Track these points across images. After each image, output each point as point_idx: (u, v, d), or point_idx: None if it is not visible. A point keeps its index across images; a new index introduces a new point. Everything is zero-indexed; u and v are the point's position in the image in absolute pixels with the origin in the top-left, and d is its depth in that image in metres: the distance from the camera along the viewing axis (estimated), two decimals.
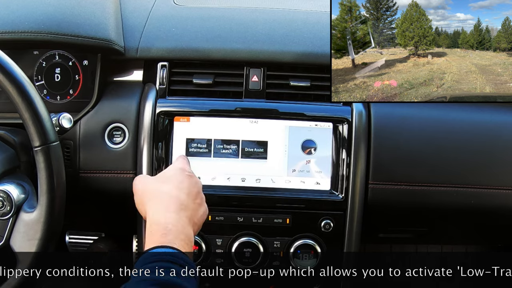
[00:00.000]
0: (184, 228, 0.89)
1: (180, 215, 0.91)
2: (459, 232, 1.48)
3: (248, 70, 1.21)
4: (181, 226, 0.89)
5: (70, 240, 1.59)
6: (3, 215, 1.02)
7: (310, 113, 1.19)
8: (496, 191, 1.23)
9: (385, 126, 1.20)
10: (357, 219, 1.19)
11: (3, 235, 1.03)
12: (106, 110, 1.19)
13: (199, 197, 0.98)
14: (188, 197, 0.94)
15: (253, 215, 1.18)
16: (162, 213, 0.90)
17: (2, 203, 1.02)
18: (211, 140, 1.18)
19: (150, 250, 0.83)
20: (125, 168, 1.18)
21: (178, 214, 0.91)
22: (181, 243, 0.86)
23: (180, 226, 0.89)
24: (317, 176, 1.19)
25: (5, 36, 1.14)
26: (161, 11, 1.33)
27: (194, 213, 0.94)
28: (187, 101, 1.20)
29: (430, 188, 1.21)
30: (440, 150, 1.21)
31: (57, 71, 1.26)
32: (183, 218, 0.90)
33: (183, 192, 0.94)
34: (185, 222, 0.90)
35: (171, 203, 0.92)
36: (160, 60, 1.22)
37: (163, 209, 0.91)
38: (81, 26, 1.18)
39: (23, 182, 1.07)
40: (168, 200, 0.93)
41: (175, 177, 0.98)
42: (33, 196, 1.05)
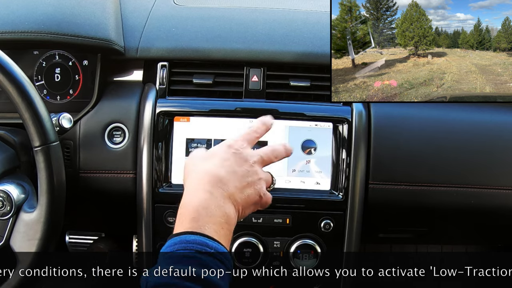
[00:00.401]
0: (219, 208, 0.80)
1: (215, 192, 0.81)
2: (459, 232, 1.48)
3: (248, 70, 1.21)
4: (214, 207, 0.79)
5: (70, 240, 1.59)
6: (3, 215, 1.02)
7: (310, 113, 1.19)
8: (496, 191, 1.23)
9: (385, 126, 1.20)
10: (357, 219, 1.19)
11: (3, 235, 1.03)
12: (106, 110, 1.19)
13: (250, 178, 0.86)
14: (231, 175, 0.84)
15: (253, 215, 1.18)
16: (194, 193, 0.82)
17: (2, 203, 1.02)
18: (211, 140, 1.18)
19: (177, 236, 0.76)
20: (125, 168, 1.18)
21: (212, 192, 0.81)
22: (214, 227, 0.77)
23: (213, 206, 0.79)
24: (317, 176, 1.19)
25: (5, 36, 1.14)
26: (161, 11, 1.33)
27: (235, 191, 0.83)
28: (187, 101, 1.20)
29: (430, 188, 1.21)
30: (440, 150, 1.21)
31: (57, 71, 1.26)
32: (217, 196, 0.81)
33: (225, 170, 0.84)
34: (220, 200, 0.80)
35: (205, 181, 0.82)
36: (160, 60, 1.22)
37: (195, 188, 0.82)
38: (81, 26, 1.18)
39: (23, 182, 1.07)
40: (203, 177, 0.83)
41: (219, 153, 0.87)
42: (33, 196, 1.05)
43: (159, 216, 1.18)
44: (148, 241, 1.19)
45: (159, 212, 1.18)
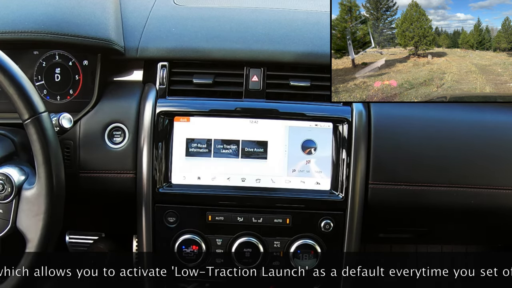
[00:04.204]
0: None
1: None
2: (459, 232, 1.48)
3: (248, 70, 1.22)
4: None
5: (70, 240, 1.59)
6: (5, 198, 1.01)
7: (310, 113, 1.19)
8: (496, 191, 1.23)
9: (385, 126, 1.20)
10: (357, 219, 1.19)
11: (9, 218, 1.02)
12: (106, 110, 1.19)
13: None
14: None
15: (253, 215, 1.18)
16: None
17: (3, 186, 1.01)
18: (211, 140, 1.18)
19: None
20: (125, 168, 1.18)
21: None
22: None
23: None
24: (317, 176, 1.19)
25: (5, 36, 1.14)
26: (161, 11, 1.33)
27: None
28: (187, 101, 1.20)
29: (430, 188, 1.21)
30: (440, 150, 1.21)
31: (57, 71, 1.26)
32: None
33: None
34: None
35: None
36: (160, 60, 1.23)
37: None
38: (81, 26, 1.18)
39: (22, 166, 1.06)
40: None
41: None
42: (33, 176, 1.04)
43: (159, 216, 1.18)
44: (148, 241, 1.19)
45: (159, 212, 1.18)
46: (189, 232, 1.19)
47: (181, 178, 1.18)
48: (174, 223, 1.19)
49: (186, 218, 1.18)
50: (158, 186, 1.17)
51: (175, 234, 1.19)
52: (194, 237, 1.18)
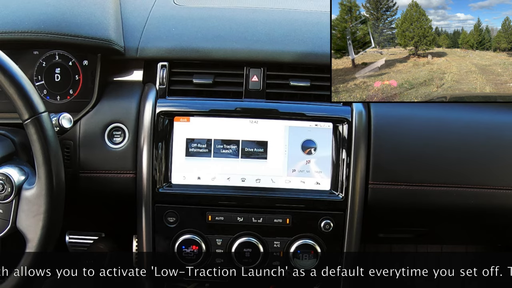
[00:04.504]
0: None
1: None
2: (458, 232, 1.48)
3: (248, 70, 1.21)
4: None
5: (70, 240, 1.59)
6: (5, 198, 1.01)
7: (310, 113, 1.19)
8: (496, 191, 1.23)
9: (385, 126, 1.20)
10: (357, 219, 1.19)
11: (9, 218, 1.02)
12: (106, 110, 1.19)
13: None
14: None
15: (253, 215, 1.18)
16: None
17: (3, 186, 1.01)
18: (211, 140, 1.18)
19: None
20: (125, 168, 1.18)
21: None
22: None
23: None
24: (317, 176, 1.19)
25: (5, 36, 1.14)
26: (161, 11, 1.33)
27: None
28: (187, 101, 1.20)
29: (430, 188, 1.21)
30: (440, 150, 1.21)
31: (57, 71, 1.26)
32: None
33: None
34: None
35: None
36: (160, 60, 1.22)
37: None
38: (81, 26, 1.18)
39: (22, 166, 1.06)
40: None
41: None
42: (32, 176, 1.04)
43: (159, 216, 1.18)
44: (148, 241, 1.19)
45: (159, 212, 1.18)
46: (189, 232, 1.19)
47: (181, 178, 1.18)
48: (174, 223, 1.19)
49: (186, 218, 1.19)
50: (158, 186, 1.17)
51: (175, 234, 1.19)
52: (194, 237, 1.18)
